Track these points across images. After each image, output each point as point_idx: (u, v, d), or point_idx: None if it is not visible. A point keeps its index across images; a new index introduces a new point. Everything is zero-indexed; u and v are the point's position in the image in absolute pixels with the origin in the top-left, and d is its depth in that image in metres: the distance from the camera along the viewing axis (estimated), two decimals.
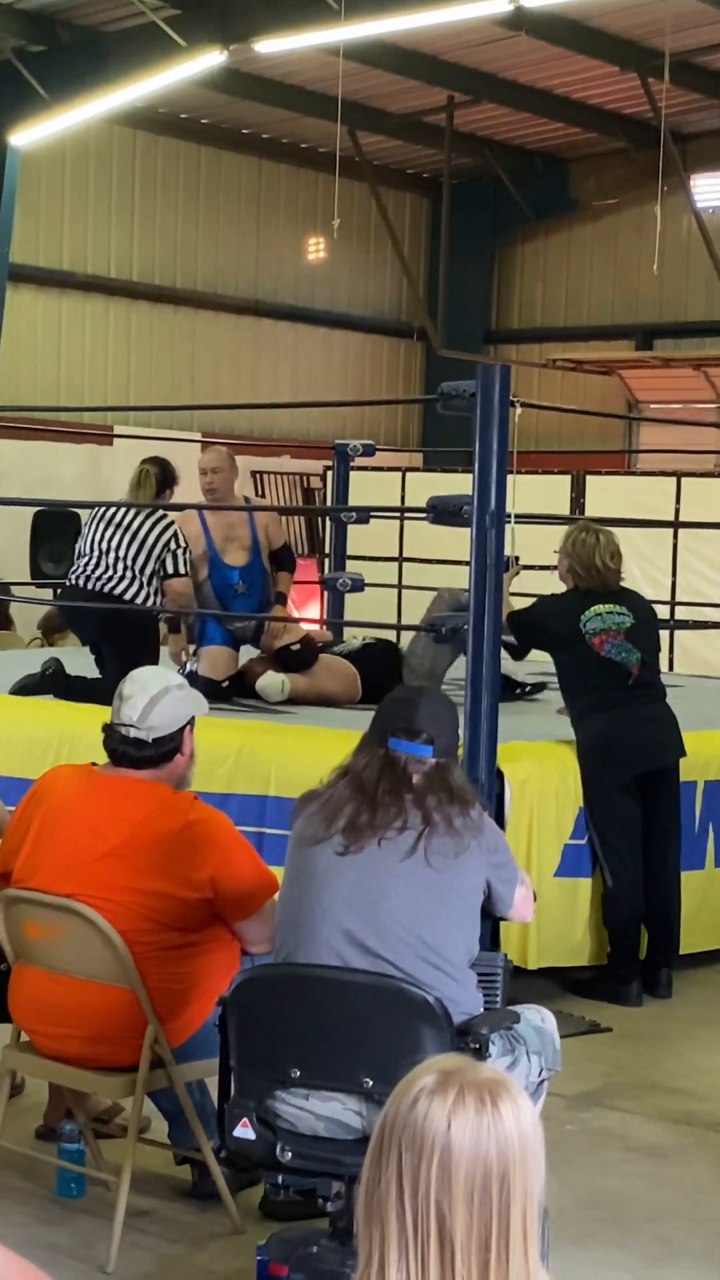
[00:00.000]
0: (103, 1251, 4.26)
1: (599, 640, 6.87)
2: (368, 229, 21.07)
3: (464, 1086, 2.01)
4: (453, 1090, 2.01)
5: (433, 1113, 1.99)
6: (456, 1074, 2.04)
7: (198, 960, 4.33)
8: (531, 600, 7.32)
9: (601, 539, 7.05)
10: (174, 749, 4.44)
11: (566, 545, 7.08)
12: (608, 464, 17.64)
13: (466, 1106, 2.00)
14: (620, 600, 7.01)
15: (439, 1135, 1.98)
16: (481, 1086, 2.02)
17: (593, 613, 6.91)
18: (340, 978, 3.56)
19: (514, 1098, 2.03)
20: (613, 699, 6.86)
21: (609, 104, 18.62)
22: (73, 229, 18.64)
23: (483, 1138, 1.99)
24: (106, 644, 8.02)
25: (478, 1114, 2.00)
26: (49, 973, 4.36)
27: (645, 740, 6.90)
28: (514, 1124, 2.00)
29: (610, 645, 6.87)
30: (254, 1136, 3.59)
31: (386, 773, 3.76)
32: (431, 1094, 2.01)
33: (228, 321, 20.09)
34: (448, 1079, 2.02)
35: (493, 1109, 2.00)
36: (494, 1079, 2.04)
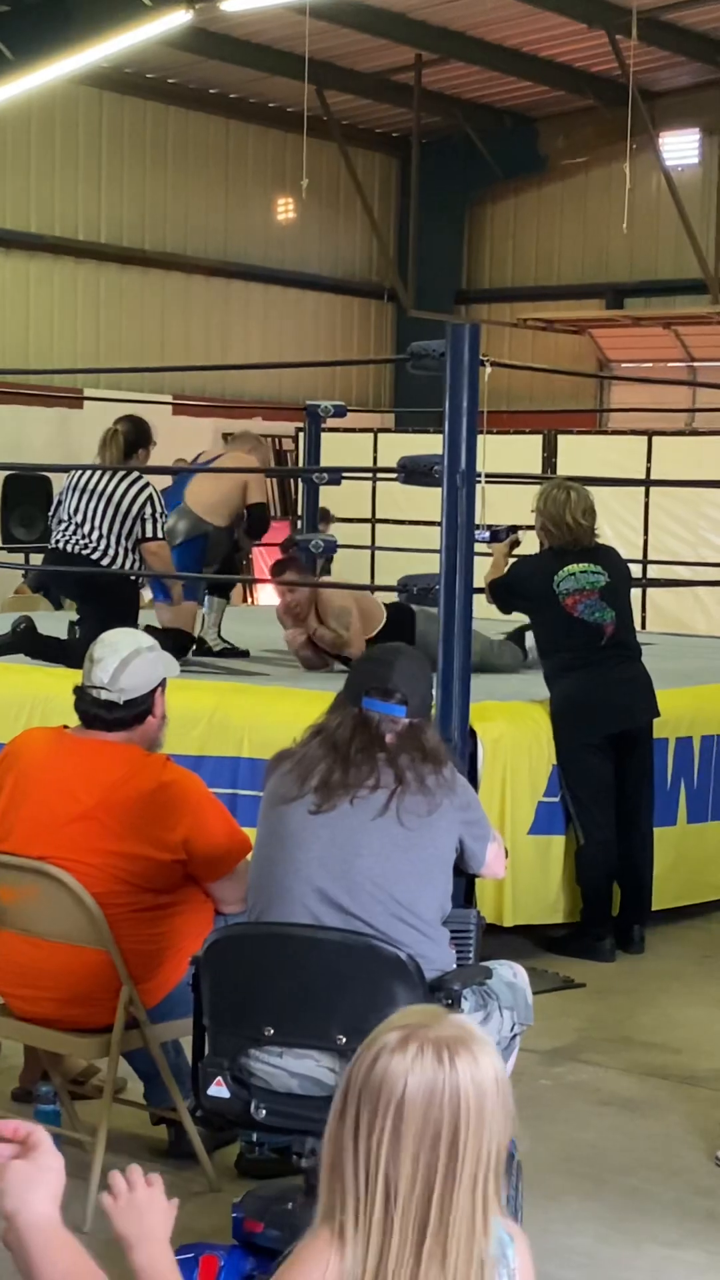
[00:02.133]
0: (79, 1212, 4.26)
1: (572, 600, 6.87)
2: (337, 189, 20.98)
3: (425, 1043, 2.04)
4: (413, 1047, 2.04)
5: (391, 1070, 2.03)
6: (420, 1030, 2.06)
7: (171, 921, 4.34)
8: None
9: (573, 495, 7.04)
10: (145, 711, 4.45)
11: (539, 503, 7.08)
12: (579, 423, 17.64)
13: (425, 1064, 2.03)
14: (595, 559, 7.00)
15: (394, 1093, 2.02)
16: (442, 1043, 2.05)
17: (566, 572, 6.91)
18: (313, 935, 3.57)
19: (475, 1053, 2.06)
20: (585, 659, 6.87)
21: (578, 62, 18.57)
22: (40, 191, 18.53)
23: (436, 1095, 2.02)
24: (85, 607, 8.00)
25: (435, 1071, 2.03)
26: (23, 935, 4.37)
27: (617, 700, 6.92)
28: (470, 1080, 2.03)
29: (583, 605, 6.87)
30: (228, 1095, 3.60)
31: (359, 732, 3.77)
32: (392, 1051, 2.04)
33: (197, 283, 20.01)
34: (409, 1036, 2.05)
35: (450, 1066, 2.03)
36: (457, 1035, 2.06)
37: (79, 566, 7.82)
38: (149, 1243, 2.31)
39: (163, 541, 7.84)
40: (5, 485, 15.85)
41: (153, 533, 7.74)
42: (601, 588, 6.92)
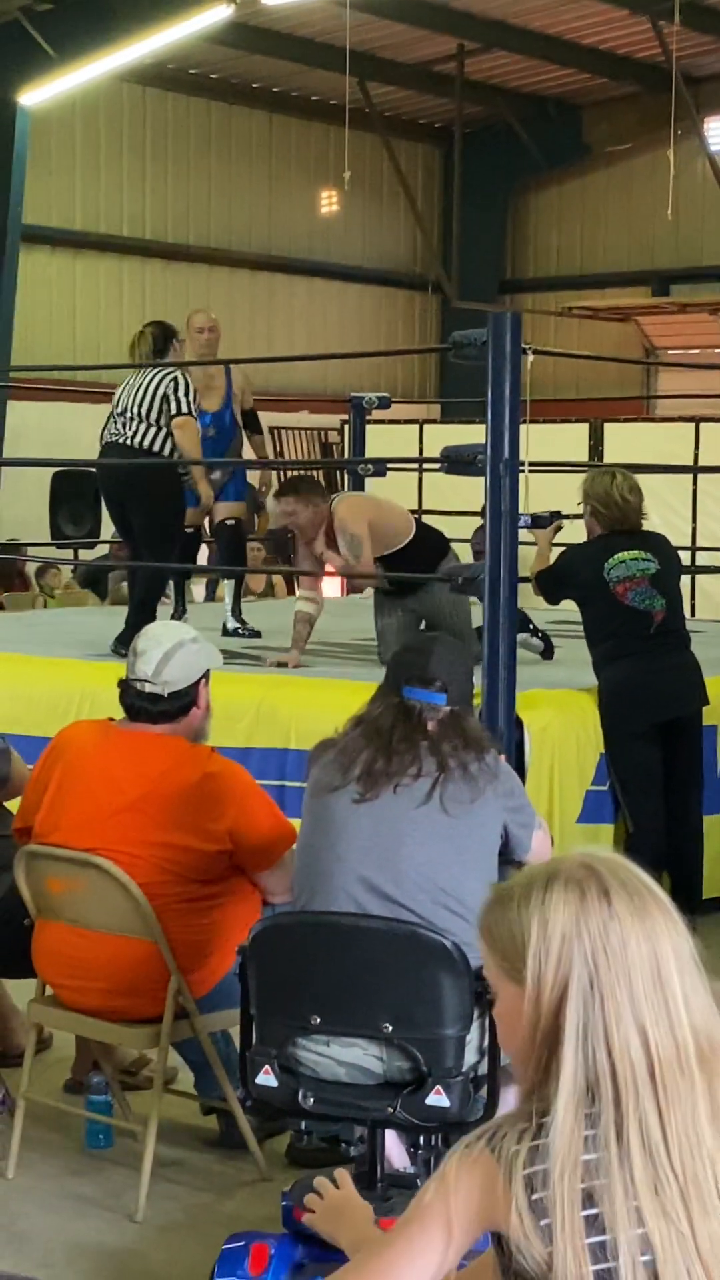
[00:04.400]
0: (131, 1201, 4.30)
1: (622, 588, 6.83)
2: (380, 181, 20.98)
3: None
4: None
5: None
6: None
7: (219, 912, 4.35)
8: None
9: (617, 476, 7.02)
10: (189, 702, 4.46)
11: (585, 487, 7.05)
12: (626, 412, 17.58)
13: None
14: (645, 544, 6.96)
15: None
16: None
17: (616, 560, 6.86)
18: (357, 924, 3.57)
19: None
20: (633, 646, 6.83)
21: (620, 48, 18.51)
22: (85, 188, 18.60)
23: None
24: (132, 499, 8.12)
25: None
26: (71, 927, 4.39)
27: (666, 688, 6.89)
28: None
29: (634, 593, 6.83)
30: (276, 1084, 3.61)
31: (401, 720, 3.77)
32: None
33: (242, 277, 20.04)
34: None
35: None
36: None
37: (121, 458, 8.08)
38: (351, 1231, 2.52)
39: (189, 417, 7.97)
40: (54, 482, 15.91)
41: (176, 409, 7.94)
42: (652, 575, 6.87)
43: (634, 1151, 2.04)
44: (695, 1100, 2.06)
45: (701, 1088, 2.07)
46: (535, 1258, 2.03)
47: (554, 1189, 2.03)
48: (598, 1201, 2.03)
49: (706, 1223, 2.03)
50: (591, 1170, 2.04)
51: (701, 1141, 2.05)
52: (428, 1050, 3.52)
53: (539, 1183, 2.04)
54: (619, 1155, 2.04)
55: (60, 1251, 4.12)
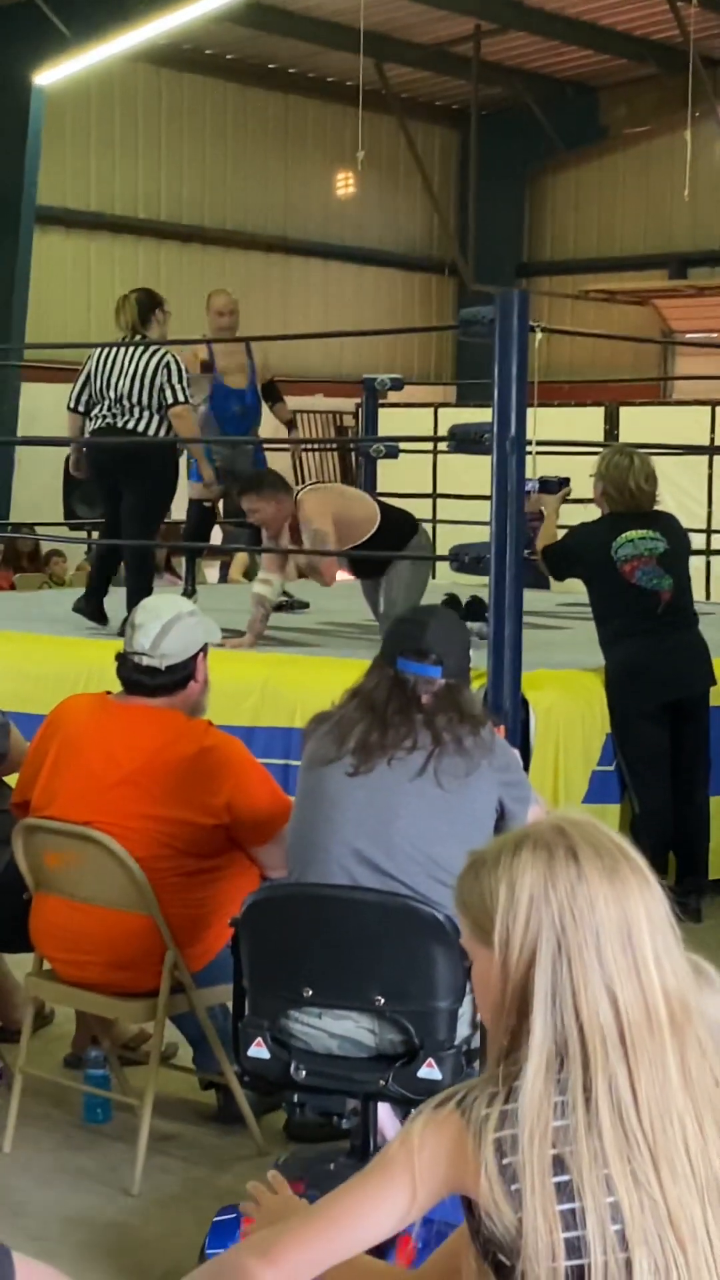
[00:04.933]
0: (128, 1174, 4.30)
1: (630, 567, 6.80)
2: (396, 163, 20.92)
3: None
4: None
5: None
6: None
7: (216, 886, 4.34)
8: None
9: (635, 461, 6.98)
10: (187, 676, 4.45)
11: (600, 468, 7.01)
12: (643, 394, 17.53)
13: None
14: (654, 524, 6.92)
15: None
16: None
17: (624, 539, 6.84)
18: (350, 896, 3.57)
19: None
20: (641, 626, 6.81)
21: (638, 29, 18.43)
22: (100, 169, 18.58)
23: None
24: (127, 481, 8.12)
25: None
26: (68, 900, 4.39)
27: (673, 668, 6.86)
28: None
29: (641, 572, 6.81)
30: (268, 1056, 3.61)
31: (396, 693, 3.76)
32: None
33: (257, 259, 20.01)
34: None
35: None
36: None
37: (120, 439, 8.05)
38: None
39: (186, 405, 7.97)
40: (67, 463, 15.87)
41: (173, 399, 7.89)
42: (660, 554, 6.85)
43: (603, 1116, 2.02)
44: (666, 1063, 2.04)
45: (672, 1051, 2.05)
46: (505, 1223, 2.02)
47: (524, 1154, 2.01)
48: (568, 1168, 2.01)
49: (676, 1187, 2.01)
50: (562, 1136, 2.02)
51: (671, 1105, 2.04)
52: (420, 1023, 3.51)
53: (509, 1147, 2.02)
54: (588, 1120, 2.02)
55: (55, 1224, 4.13)
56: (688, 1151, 2.03)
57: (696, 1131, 2.04)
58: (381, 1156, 2.12)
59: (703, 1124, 2.05)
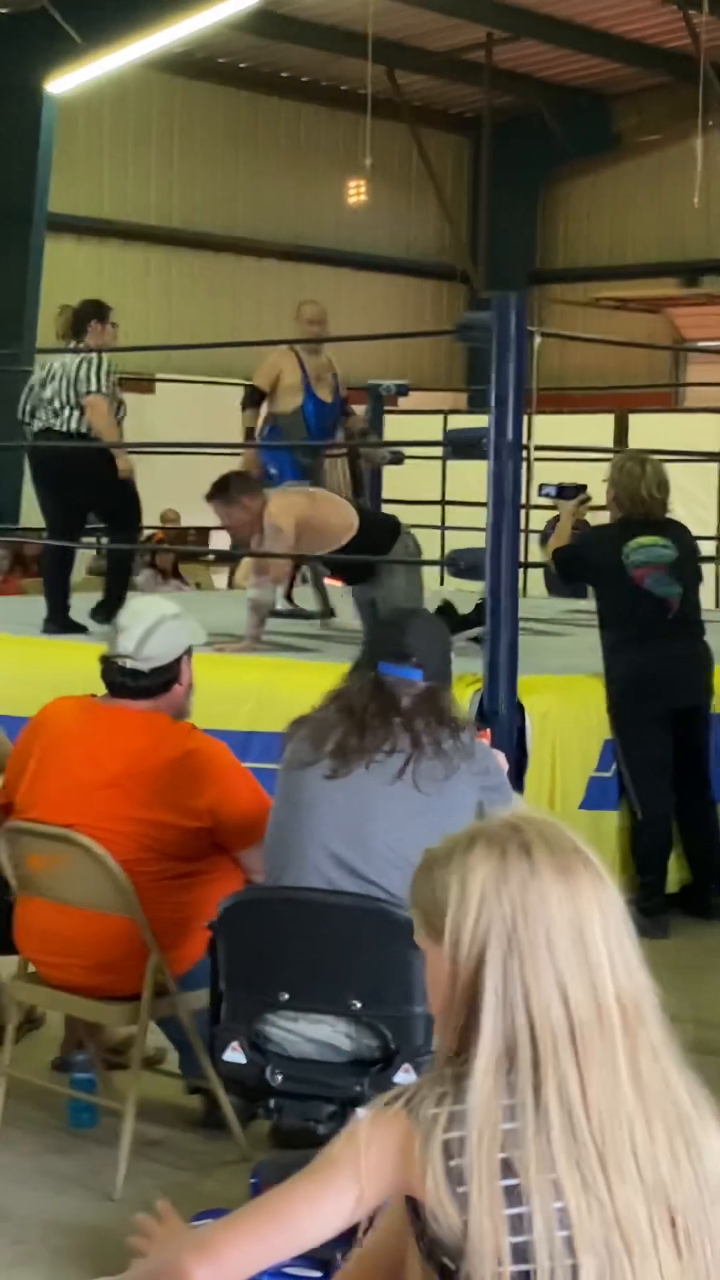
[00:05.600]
0: (110, 1179, 4.28)
1: (640, 573, 6.80)
2: (408, 171, 20.94)
3: None
4: None
5: None
6: None
7: (200, 889, 4.32)
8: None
9: (648, 468, 6.98)
10: (171, 679, 4.44)
11: (613, 474, 7.02)
12: (654, 402, 17.51)
13: None
14: (664, 532, 6.93)
15: None
16: None
17: (635, 544, 6.83)
18: (326, 900, 3.56)
19: None
20: (649, 632, 6.80)
21: (650, 38, 18.42)
22: (112, 177, 18.61)
23: None
24: (65, 482, 8.21)
25: None
26: (52, 903, 4.38)
27: (682, 675, 6.86)
28: None
29: (652, 578, 6.80)
30: (244, 1060, 3.60)
31: (375, 696, 3.74)
32: None
33: (269, 267, 20.02)
34: None
35: None
36: None
37: (54, 443, 8.16)
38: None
39: (99, 395, 8.01)
40: None
41: (87, 389, 7.99)
42: (671, 562, 6.85)
43: (553, 1117, 2.00)
44: (616, 1064, 2.02)
45: (623, 1051, 2.03)
46: (450, 1226, 1.99)
47: (471, 1156, 1.99)
48: (516, 1172, 1.99)
49: (624, 1189, 1.99)
50: (510, 1139, 2.00)
51: (620, 1107, 2.02)
52: (397, 1028, 3.50)
53: (456, 1149, 2.00)
54: (536, 1123, 1.99)
55: (36, 1228, 4.11)
56: (635, 1154, 2.01)
57: (645, 1134, 2.02)
58: (326, 1154, 2.09)
59: (651, 1126, 2.03)
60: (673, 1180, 2.03)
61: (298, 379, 9.17)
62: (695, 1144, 2.05)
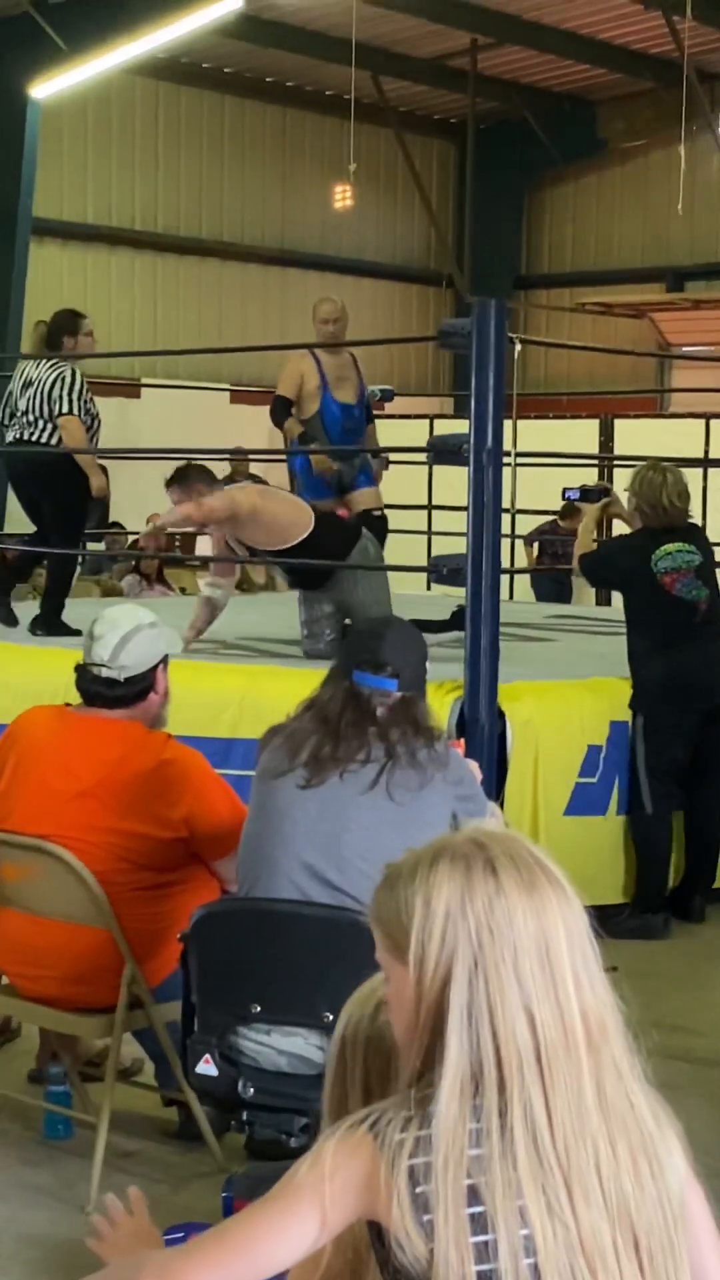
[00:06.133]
0: (83, 1191, 4.25)
1: (670, 579, 6.89)
2: (394, 176, 20.92)
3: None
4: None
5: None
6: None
7: (175, 900, 4.29)
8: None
9: (669, 478, 7.07)
10: (147, 688, 4.41)
11: (634, 484, 7.12)
12: (639, 408, 17.51)
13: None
14: (689, 538, 7.03)
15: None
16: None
17: (664, 551, 6.91)
18: (298, 911, 3.52)
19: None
20: (680, 636, 6.90)
21: (635, 44, 18.42)
22: (97, 182, 18.58)
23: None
24: (41, 490, 8.25)
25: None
26: (25, 914, 4.35)
27: (711, 678, 6.93)
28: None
29: (680, 583, 6.90)
30: (216, 1073, 3.56)
31: (350, 706, 3.72)
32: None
33: (254, 272, 20.00)
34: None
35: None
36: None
37: (27, 452, 8.20)
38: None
39: (71, 416, 8.01)
40: None
41: (61, 409, 8.00)
42: (697, 567, 6.95)
43: (518, 1142, 1.96)
44: (581, 1085, 1.99)
45: (588, 1071, 1.99)
46: (415, 1254, 1.95)
47: (437, 1183, 1.94)
48: (483, 1199, 1.95)
49: (589, 1213, 1.96)
50: (476, 1165, 1.96)
51: (585, 1128, 1.98)
52: None
53: (422, 1175, 1.95)
54: (502, 1148, 1.95)
55: (8, 1242, 4.08)
56: (599, 1175, 1.98)
57: (609, 1154, 1.99)
58: (290, 1181, 2.03)
59: (615, 1147, 1.99)
60: (636, 1201, 2.00)
61: (316, 383, 9.01)
62: (658, 1162, 2.02)
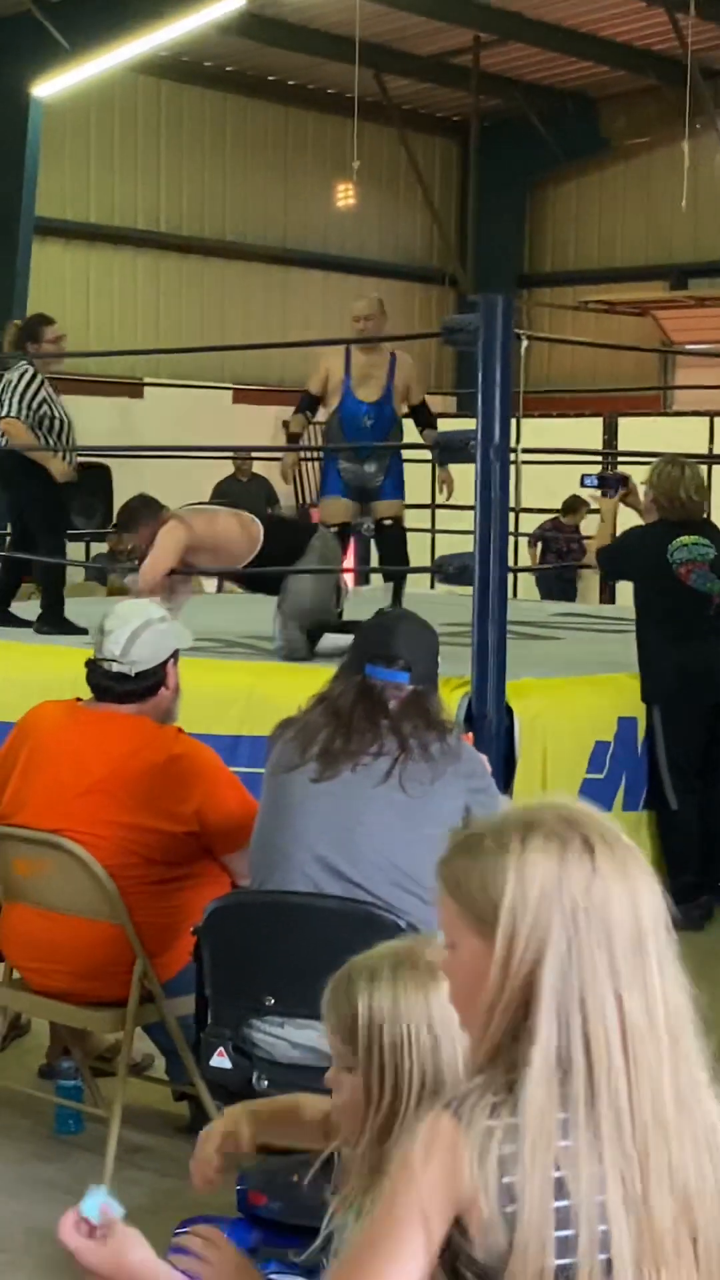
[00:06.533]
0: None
1: (685, 570, 6.95)
2: (396, 174, 20.91)
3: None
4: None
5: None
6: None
7: (186, 894, 4.30)
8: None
9: (687, 472, 7.14)
10: (157, 683, 4.42)
11: (651, 478, 7.19)
12: (643, 405, 17.51)
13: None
14: (703, 532, 7.07)
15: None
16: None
17: (679, 543, 6.97)
18: (311, 903, 3.53)
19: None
20: (694, 628, 6.95)
21: (637, 41, 18.39)
22: (99, 181, 18.56)
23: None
24: (8, 491, 8.45)
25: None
26: (37, 909, 4.35)
27: None
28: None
29: (696, 575, 6.95)
30: (230, 1066, 3.57)
31: (362, 699, 3.72)
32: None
33: (257, 271, 19.99)
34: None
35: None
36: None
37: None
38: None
39: (9, 419, 8.15)
40: None
41: (6, 412, 8.15)
42: (712, 560, 6.99)
43: (605, 1134, 1.89)
44: (661, 1074, 1.93)
45: (668, 1061, 1.93)
46: (492, 1246, 1.88)
47: (525, 1175, 1.87)
48: (569, 1193, 1.88)
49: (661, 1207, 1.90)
50: (564, 1157, 1.89)
51: (662, 1119, 1.92)
52: None
53: (510, 1165, 1.87)
54: (589, 1138, 1.89)
55: (19, 1236, 4.08)
56: (670, 1167, 1.92)
57: (679, 1146, 1.93)
58: (388, 1209, 1.90)
59: (683, 1138, 1.94)
60: (698, 1194, 1.94)
61: (340, 379, 8.94)
62: (719, 1154, 1.97)
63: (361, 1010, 2.39)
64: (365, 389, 8.85)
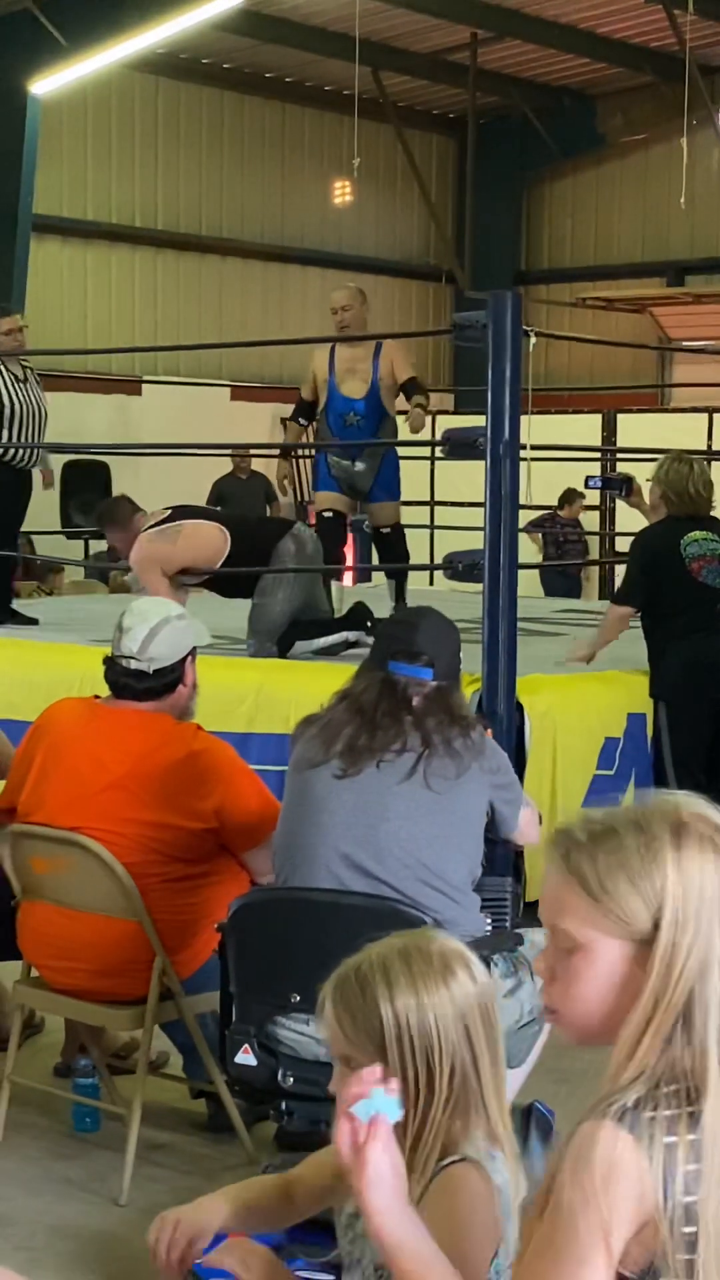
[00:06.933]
0: (116, 1184, 4.25)
1: (697, 565, 6.98)
2: (394, 171, 20.89)
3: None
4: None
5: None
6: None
7: (205, 891, 4.29)
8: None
9: (695, 468, 7.18)
10: (175, 680, 4.41)
11: (659, 473, 7.23)
12: (641, 402, 17.50)
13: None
14: (711, 527, 7.12)
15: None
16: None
17: (691, 538, 7.01)
18: (337, 900, 3.52)
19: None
20: (703, 622, 6.96)
21: (635, 37, 18.38)
22: (96, 178, 18.53)
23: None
24: None
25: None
26: (56, 906, 4.34)
27: None
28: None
29: (707, 569, 6.99)
30: (255, 1063, 3.56)
31: (386, 695, 3.72)
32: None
33: (255, 268, 19.97)
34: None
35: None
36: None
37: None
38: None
39: None
40: (64, 471, 15.86)
41: None
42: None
43: None
44: None
45: None
46: (670, 1267, 1.82)
47: (710, 1194, 1.81)
48: None
49: None
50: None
51: None
52: None
53: (694, 1184, 1.81)
54: None
55: (42, 1234, 4.08)
56: None
57: None
58: (570, 1233, 1.82)
59: None
60: None
61: (325, 376, 8.87)
62: None
63: (387, 1017, 2.28)
64: (350, 384, 8.77)
